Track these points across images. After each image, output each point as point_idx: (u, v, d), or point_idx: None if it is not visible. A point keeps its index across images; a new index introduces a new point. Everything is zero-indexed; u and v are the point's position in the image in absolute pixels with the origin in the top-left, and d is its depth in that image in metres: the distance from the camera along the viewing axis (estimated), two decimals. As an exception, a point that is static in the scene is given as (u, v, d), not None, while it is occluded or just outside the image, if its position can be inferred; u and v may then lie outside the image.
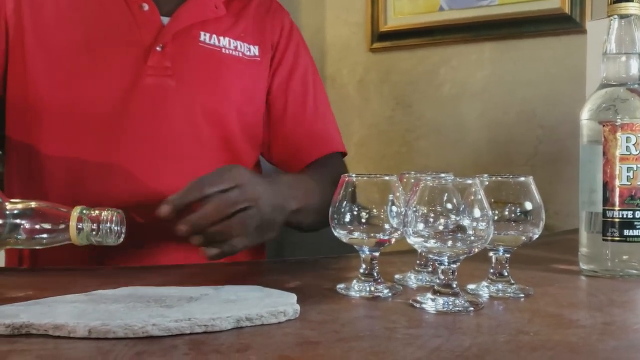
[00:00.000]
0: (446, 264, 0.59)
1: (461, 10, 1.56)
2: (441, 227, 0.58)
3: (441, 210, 0.58)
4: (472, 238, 0.58)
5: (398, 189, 0.66)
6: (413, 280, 0.71)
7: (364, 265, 0.67)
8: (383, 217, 0.65)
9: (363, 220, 0.66)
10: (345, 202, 0.66)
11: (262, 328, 0.52)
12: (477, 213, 0.58)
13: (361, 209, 0.66)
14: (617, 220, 0.72)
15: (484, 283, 0.67)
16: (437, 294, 0.60)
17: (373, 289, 0.65)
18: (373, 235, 0.65)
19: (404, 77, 1.66)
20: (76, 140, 0.94)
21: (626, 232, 0.72)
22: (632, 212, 0.72)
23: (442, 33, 1.59)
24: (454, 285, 0.60)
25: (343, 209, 0.66)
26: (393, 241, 0.67)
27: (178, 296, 0.58)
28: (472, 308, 0.59)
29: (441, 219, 0.58)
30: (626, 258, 0.73)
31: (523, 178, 0.66)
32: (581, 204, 0.77)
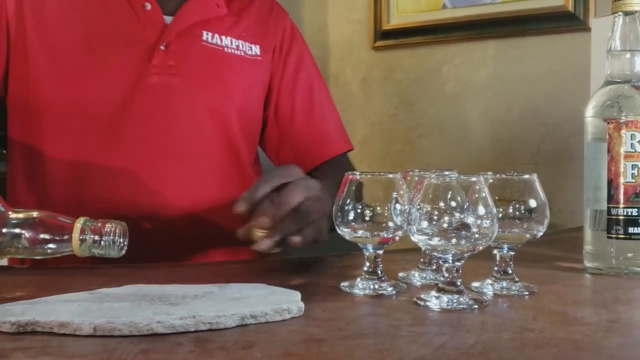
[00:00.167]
0: (450, 262, 0.59)
1: (464, 8, 1.56)
2: (445, 225, 0.58)
3: (445, 208, 0.58)
4: (477, 236, 0.58)
5: (402, 187, 0.66)
6: (417, 278, 0.71)
7: (368, 263, 0.67)
8: (387, 215, 0.65)
9: (367, 218, 0.66)
10: (349, 200, 0.66)
11: (267, 325, 0.52)
12: (482, 211, 0.58)
13: (365, 207, 0.66)
14: (622, 217, 0.72)
15: (488, 281, 0.67)
16: (442, 292, 0.60)
17: (377, 287, 0.65)
18: (377, 233, 0.65)
19: (407, 75, 1.65)
20: (79, 139, 0.94)
21: (631, 230, 0.72)
22: (637, 210, 0.72)
23: (445, 31, 1.59)
24: (458, 283, 0.60)
25: (347, 207, 0.66)
26: (397, 239, 0.67)
27: (182, 294, 0.58)
28: (477, 306, 0.58)
29: (445, 217, 0.58)
30: (631, 256, 0.73)
31: (527, 175, 0.66)
32: (586, 202, 0.76)
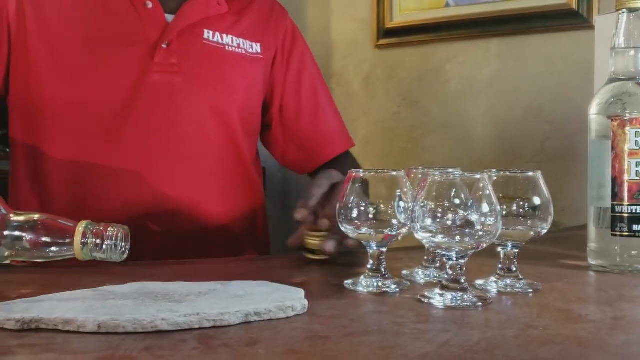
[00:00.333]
0: (454, 259, 0.59)
1: (467, 6, 1.56)
2: (449, 223, 0.58)
3: (449, 205, 0.58)
4: (481, 233, 0.58)
5: (406, 185, 0.66)
6: (421, 275, 0.71)
7: (372, 261, 0.67)
8: (391, 213, 0.65)
9: (370, 215, 0.66)
10: (352, 198, 0.66)
11: (271, 323, 0.52)
12: (486, 208, 0.58)
13: (369, 205, 0.66)
14: (626, 215, 0.72)
15: (492, 278, 0.66)
16: (446, 290, 0.59)
17: (381, 285, 0.65)
18: (380, 230, 0.65)
19: (410, 74, 1.65)
20: (81, 138, 0.94)
21: (635, 227, 0.72)
22: (641, 207, 0.72)
23: (449, 29, 1.59)
24: (462, 280, 0.60)
25: (350, 205, 0.66)
26: (400, 237, 0.67)
27: (186, 291, 0.58)
28: (481, 303, 0.58)
29: (449, 214, 0.58)
30: (635, 253, 0.72)
31: (531, 173, 0.66)
32: (590, 199, 0.76)
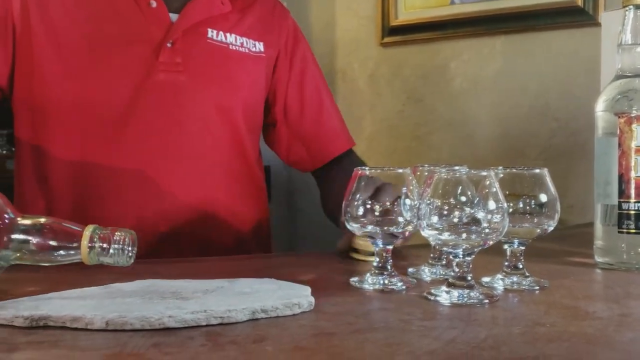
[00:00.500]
0: (461, 257, 0.59)
1: (472, 3, 1.56)
2: (455, 220, 0.58)
3: (455, 202, 0.58)
4: (487, 230, 0.58)
5: (412, 182, 0.66)
6: (427, 273, 0.71)
7: (378, 258, 0.67)
8: (396, 210, 0.65)
9: (376, 213, 0.66)
10: (358, 195, 0.66)
11: (277, 320, 0.52)
12: (492, 205, 0.58)
13: (374, 202, 0.66)
14: (633, 212, 0.72)
15: (499, 276, 0.66)
16: (452, 287, 0.59)
17: (387, 282, 0.65)
18: (386, 228, 0.65)
19: (415, 72, 1.65)
20: (86, 137, 0.94)
21: (642, 225, 0.72)
22: (648, 205, 0.71)
23: (454, 27, 1.58)
24: (469, 277, 0.60)
25: (356, 202, 0.66)
26: (407, 234, 0.67)
27: (193, 289, 0.58)
28: (487, 300, 0.58)
29: (455, 212, 0.58)
30: (642, 250, 0.72)
31: (538, 170, 0.66)
32: (596, 197, 0.76)
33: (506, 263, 0.67)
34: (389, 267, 0.66)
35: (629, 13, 0.75)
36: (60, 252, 0.58)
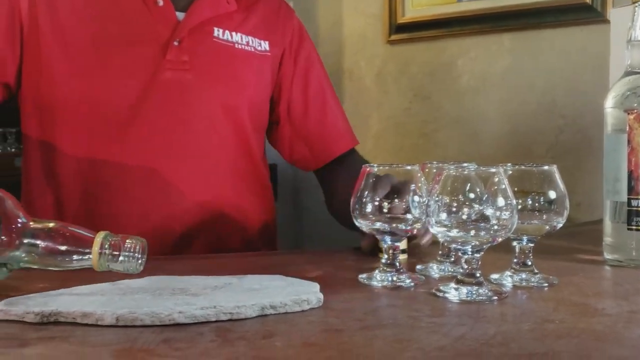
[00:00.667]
0: (470, 253, 0.59)
1: (480, 0, 1.55)
2: (464, 217, 0.58)
3: (464, 199, 0.58)
4: (496, 227, 0.58)
5: (420, 179, 0.66)
6: (435, 270, 0.71)
7: (386, 255, 0.67)
8: (405, 207, 0.65)
9: (385, 210, 0.66)
10: (366, 193, 0.66)
11: (286, 316, 0.53)
12: (501, 202, 0.58)
13: (383, 199, 0.66)
14: (642, 209, 0.72)
15: (508, 273, 0.66)
16: (461, 284, 0.59)
17: (395, 279, 0.65)
18: (395, 225, 0.65)
19: (422, 69, 1.65)
20: (93, 135, 0.94)
21: (651, 222, 0.71)
22: (658, 202, 0.71)
23: (461, 24, 1.58)
24: (478, 274, 0.59)
25: (365, 199, 0.66)
26: (415, 231, 0.67)
27: (202, 285, 0.59)
28: (496, 297, 0.58)
29: (464, 209, 0.58)
30: (651, 248, 0.72)
31: (547, 167, 0.65)
32: (605, 193, 0.76)
33: (515, 260, 0.67)
34: (397, 264, 0.66)
35: (639, 9, 0.74)
36: (70, 258, 0.58)
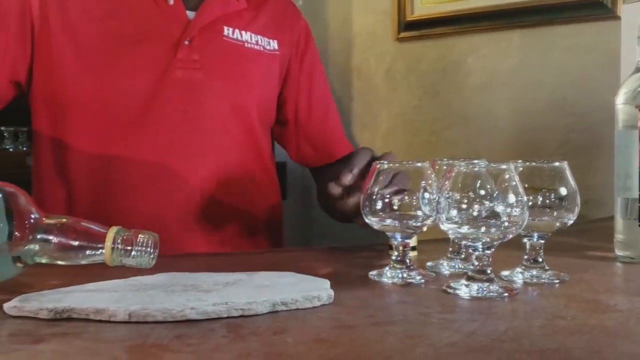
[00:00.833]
0: (480, 250, 0.59)
1: (489, -3, 1.54)
2: (475, 214, 0.58)
3: (475, 196, 0.58)
4: (506, 224, 0.58)
5: (430, 176, 0.66)
6: (446, 267, 0.71)
7: (396, 252, 0.67)
8: (415, 204, 0.65)
9: (395, 207, 0.66)
10: (377, 189, 0.66)
11: (297, 312, 0.53)
12: (512, 199, 0.58)
13: (393, 196, 0.66)
14: (654, 206, 0.71)
15: (518, 269, 0.66)
16: (471, 280, 0.59)
17: (405, 276, 0.65)
18: (405, 222, 0.65)
19: (432, 66, 1.64)
20: (104, 133, 0.95)
21: (663, 218, 0.71)
22: (670, 198, 0.71)
23: (470, 21, 1.57)
24: (488, 271, 0.59)
25: (375, 196, 0.66)
26: (425, 228, 0.67)
27: (213, 281, 0.59)
28: (507, 294, 0.58)
29: (475, 205, 0.58)
30: (663, 244, 0.72)
31: (557, 163, 0.65)
32: (616, 190, 0.75)
33: (525, 257, 0.67)
34: (408, 261, 0.67)
35: (650, 5, 0.74)
36: (83, 253, 0.59)
